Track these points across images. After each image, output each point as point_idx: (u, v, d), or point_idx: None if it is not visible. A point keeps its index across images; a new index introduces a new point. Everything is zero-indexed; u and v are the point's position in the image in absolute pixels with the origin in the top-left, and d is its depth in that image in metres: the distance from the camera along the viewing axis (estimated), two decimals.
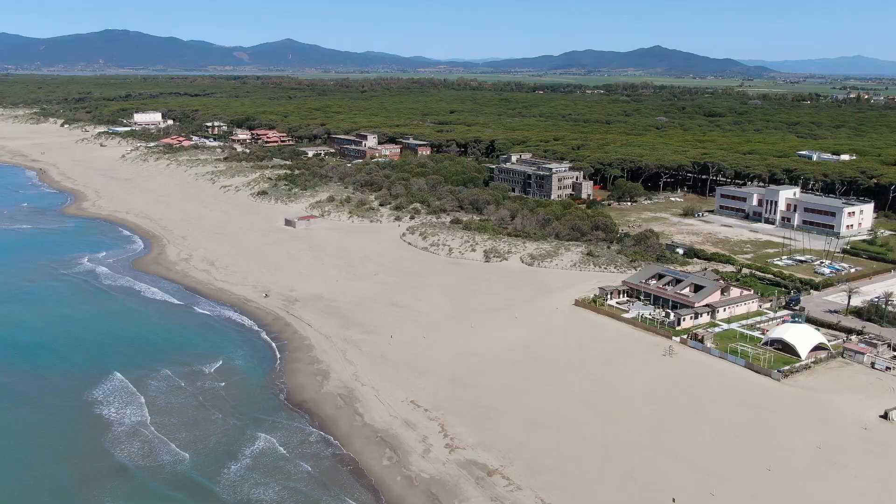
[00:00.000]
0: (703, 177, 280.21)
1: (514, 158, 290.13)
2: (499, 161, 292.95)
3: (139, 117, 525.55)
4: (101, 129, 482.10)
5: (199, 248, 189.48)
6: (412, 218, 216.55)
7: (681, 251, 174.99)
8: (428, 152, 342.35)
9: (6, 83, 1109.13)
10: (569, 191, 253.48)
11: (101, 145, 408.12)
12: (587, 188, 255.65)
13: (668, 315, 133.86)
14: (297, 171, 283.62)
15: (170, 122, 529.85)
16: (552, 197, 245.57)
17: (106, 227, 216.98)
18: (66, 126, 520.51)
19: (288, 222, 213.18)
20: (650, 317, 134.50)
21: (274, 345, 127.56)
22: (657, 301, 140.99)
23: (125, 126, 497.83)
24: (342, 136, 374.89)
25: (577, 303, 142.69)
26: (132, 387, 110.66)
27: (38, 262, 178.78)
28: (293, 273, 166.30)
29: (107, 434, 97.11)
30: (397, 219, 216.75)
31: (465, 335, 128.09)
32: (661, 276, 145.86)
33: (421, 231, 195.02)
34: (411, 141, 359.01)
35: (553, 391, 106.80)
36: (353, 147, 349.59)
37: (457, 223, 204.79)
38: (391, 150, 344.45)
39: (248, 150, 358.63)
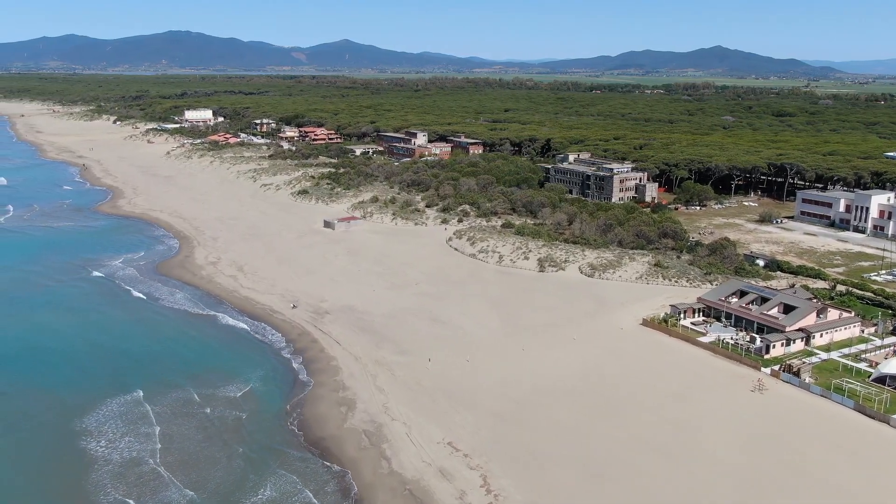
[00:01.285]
0: (779, 179, 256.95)
1: (571, 158, 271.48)
2: (555, 161, 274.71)
3: (190, 114, 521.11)
4: (152, 125, 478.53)
5: (230, 250, 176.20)
6: (460, 221, 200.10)
7: (761, 263, 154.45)
8: (480, 151, 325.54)
9: (69, 82, 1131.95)
10: (631, 193, 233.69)
11: (149, 142, 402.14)
12: (651, 190, 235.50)
13: (753, 340, 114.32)
14: (341, 170, 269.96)
15: (220, 119, 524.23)
16: (613, 199, 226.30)
17: (138, 227, 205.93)
18: (117, 123, 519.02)
19: (327, 224, 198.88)
20: (732, 342, 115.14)
21: (297, 366, 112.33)
22: (739, 322, 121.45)
23: (175, 123, 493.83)
24: (391, 134, 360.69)
25: (645, 322, 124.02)
26: (137, 410, 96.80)
27: (63, 262, 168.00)
28: (326, 280, 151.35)
29: (104, 468, 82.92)
30: (444, 221, 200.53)
31: (514, 358, 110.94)
32: (743, 294, 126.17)
33: (469, 235, 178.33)
34: (462, 139, 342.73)
35: (618, 432, 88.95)
36: (402, 145, 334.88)
37: (508, 227, 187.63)
38: (441, 149, 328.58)
39: (293, 148, 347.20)
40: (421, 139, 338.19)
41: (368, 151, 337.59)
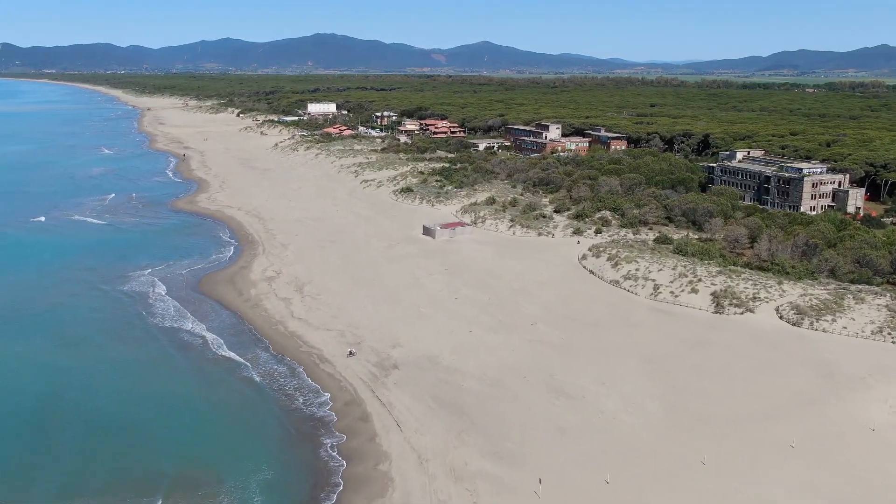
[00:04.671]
0: None
1: (739, 156, 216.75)
2: (717, 159, 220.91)
3: (313, 108, 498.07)
4: (272, 118, 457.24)
5: (297, 262, 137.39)
6: (598, 232, 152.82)
7: None
8: (623, 147, 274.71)
9: (213, 80, 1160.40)
10: (827, 201, 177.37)
11: (262, 134, 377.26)
12: (855, 198, 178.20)
13: None
14: (457, 166, 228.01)
15: (343, 112, 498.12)
16: (801, 208, 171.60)
17: (204, 227, 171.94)
18: (240, 116, 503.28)
19: (426, 230, 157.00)
20: None
21: (332, 463, 70.24)
22: None
23: (296, 116, 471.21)
24: (519, 127, 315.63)
25: None
26: None
27: (96, 269, 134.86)
28: (408, 311, 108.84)
29: None
30: (576, 232, 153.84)
31: (689, 482, 63.99)
32: None
33: (610, 253, 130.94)
34: (602, 133, 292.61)
35: None
36: (531, 139, 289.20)
37: (665, 243, 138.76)
38: (577, 144, 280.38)
39: (409, 141, 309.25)
40: (554, 132, 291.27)
41: (493, 146, 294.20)
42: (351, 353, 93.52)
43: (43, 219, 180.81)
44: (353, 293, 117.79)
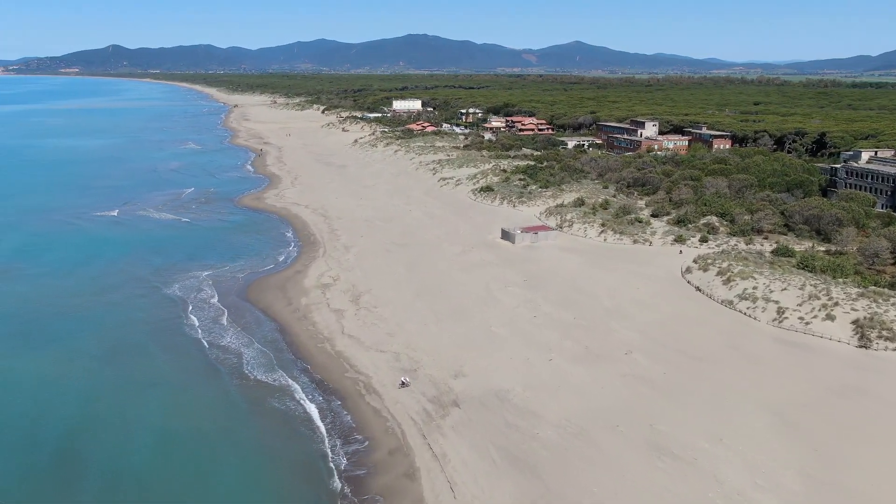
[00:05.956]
0: None
1: (864, 157, 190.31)
2: (841, 159, 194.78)
3: (397, 105, 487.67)
4: (355, 114, 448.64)
5: (358, 267, 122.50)
6: (704, 240, 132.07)
7: None
8: (727, 146, 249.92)
9: (305, 79, 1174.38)
10: None
11: (344, 130, 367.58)
12: None
13: None
14: (543, 164, 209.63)
15: (429, 109, 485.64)
16: None
17: (267, 225, 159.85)
18: (324, 112, 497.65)
19: (505, 234, 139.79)
20: None
21: None
22: None
23: (380, 113, 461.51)
24: (612, 125, 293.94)
25: None
26: None
27: (152, 268, 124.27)
28: (477, 330, 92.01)
29: None
30: (678, 240, 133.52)
31: None
32: None
33: (721, 266, 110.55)
34: (704, 131, 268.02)
35: None
36: (625, 137, 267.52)
37: (785, 255, 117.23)
38: (676, 143, 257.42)
39: (493, 138, 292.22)
40: (650, 130, 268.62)
41: (583, 144, 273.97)
42: (403, 384, 77.38)
43: (116, 213, 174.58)
44: (415, 306, 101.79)
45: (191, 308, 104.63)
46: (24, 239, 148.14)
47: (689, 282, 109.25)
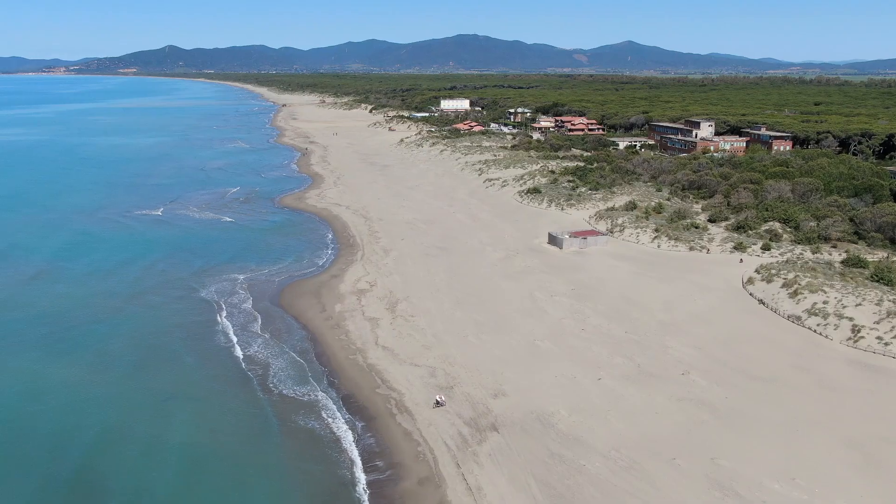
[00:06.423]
0: None
1: None
2: None
3: (445, 104, 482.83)
4: (403, 114, 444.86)
5: (396, 272, 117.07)
6: (766, 248, 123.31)
7: None
8: (788, 147, 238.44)
9: (355, 78, 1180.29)
10: None
11: (390, 129, 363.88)
12: None
13: None
14: (593, 165, 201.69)
15: (477, 109, 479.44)
16: None
17: (307, 226, 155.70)
18: (372, 112, 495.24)
19: (552, 239, 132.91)
20: None
21: None
22: None
23: (427, 112, 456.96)
24: (665, 125, 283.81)
25: None
26: None
27: (183, 270, 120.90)
28: (520, 344, 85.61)
29: None
30: (738, 247, 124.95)
31: None
32: None
33: (786, 277, 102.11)
34: (763, 132, 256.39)
35: None
36: (679, 137, 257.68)
37: (857, 266, 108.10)
38: (733, 144, 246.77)
39: (542, 139, 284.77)
40: (705, 130, 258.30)
41: (635, 145, 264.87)
42: (438, 403, 71.46)
43: (160, 211, 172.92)
44: (455, 316, 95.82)
45: (224, 314, 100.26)
46: (68, 238, 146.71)
47: (751, 294, 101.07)
